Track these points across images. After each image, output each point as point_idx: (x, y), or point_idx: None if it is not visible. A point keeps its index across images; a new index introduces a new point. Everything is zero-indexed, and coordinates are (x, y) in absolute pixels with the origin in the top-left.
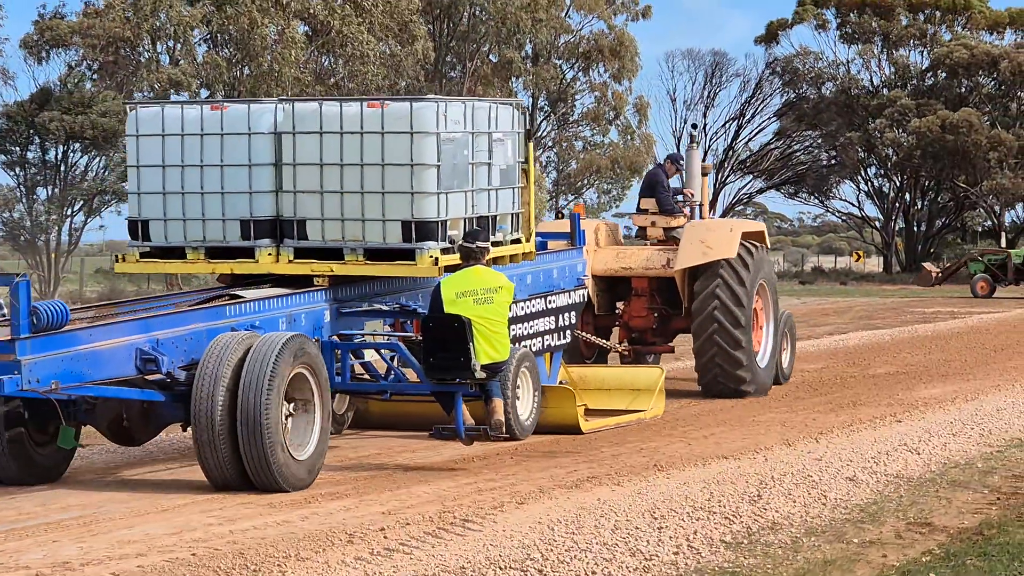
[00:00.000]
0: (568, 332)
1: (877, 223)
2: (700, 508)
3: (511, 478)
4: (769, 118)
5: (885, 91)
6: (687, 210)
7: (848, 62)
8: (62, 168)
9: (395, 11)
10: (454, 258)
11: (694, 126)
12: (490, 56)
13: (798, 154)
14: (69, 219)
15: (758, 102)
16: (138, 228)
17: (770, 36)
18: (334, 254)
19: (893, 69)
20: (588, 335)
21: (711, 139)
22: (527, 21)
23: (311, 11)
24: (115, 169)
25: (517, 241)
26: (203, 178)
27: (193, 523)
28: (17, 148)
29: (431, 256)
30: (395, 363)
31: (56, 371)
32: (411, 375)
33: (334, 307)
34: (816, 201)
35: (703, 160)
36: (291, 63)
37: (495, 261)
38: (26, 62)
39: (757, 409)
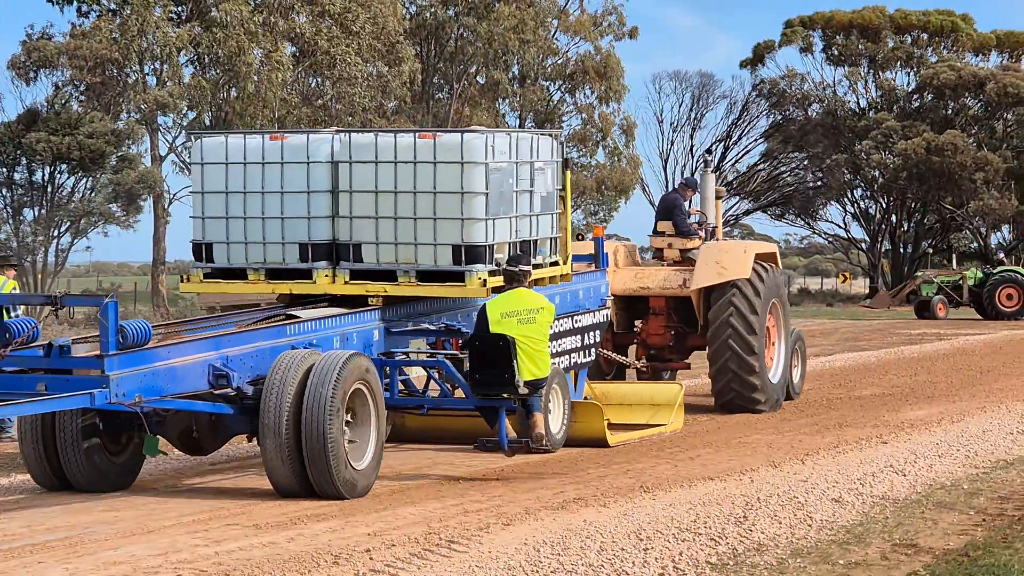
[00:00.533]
0: (593, 350)
1: (863, 245)
2: (686, 529)
3: (497, 499)
4: (756, 140)
5: (871, 113)
6: (702, 232)
7: (834, 84)
8: (49, 189)
9: (382, 32)
10: (500, 280)
11: (708, 151)
12: (477, 77)
13: (785, 176)
14: (56, 240)
15: (745, 124)
16: (202, 250)
17: (757, 58)
18: (388, 276)
19: (879, 91)
20: (608, 352)
21: (697, 161)
22: (514, 42)
23: (298, 32)
24: (101, 190)
25: (555, 263)
26: (264, 204)
27: (179, 544)
28: (4, 169)
29: (480, 278)
30: (435, 380)
31: (139, 385)
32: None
33: (383, 327)
34: (803, 223)
35: (717, 184)
36: (278, 85)
37: (535, 283)
38: (13, 83)
39: (743, 430)
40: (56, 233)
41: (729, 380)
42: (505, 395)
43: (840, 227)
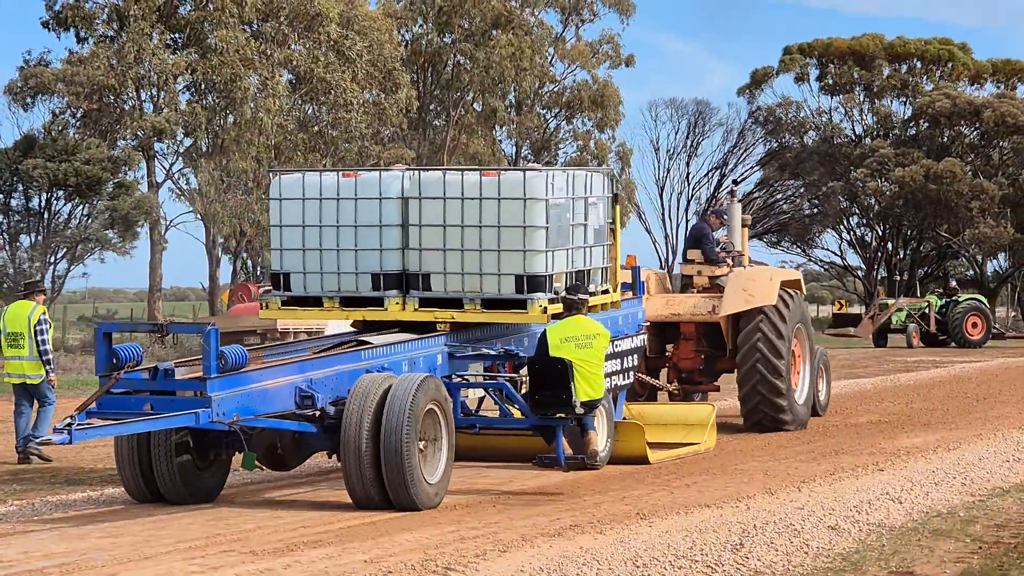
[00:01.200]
0: (631, 373)
1: (859, 272)
2: (682, 557)
3: (493, 526)
4: (752, 167)
5: (867, 141)
6: (730, 260)
7: (830, 111)
8: (46, 215)
9: (379, 60)
10: (558, 307)
11: (735, 182)
12: (474, 105)
13: (780, 203)
14: (52, 266)
15: (741, 151)
16: (280, 280)
17: (754, 85)
18: (454, 303)
19: (875, 119)
20: (642, 375)
21: (694, 188)
22: (511, 70)
23: (294, 60)
24: (98, 217)
25: (606, 292)
26: (339, 237)
27: (175, 571)
28: (1, 195)
29: (540, 305)
30: (495, 400)
31: (237, 406)
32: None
33: (446, 351)
34: (799, 250)
35: (743, 213)
36: (275, 112)
37: (588, 309)
38: (10, 109)
39: (740, 458)
40: (53, 259)
41: (758, 402)
42: (562, 414)
43: (836, 255)
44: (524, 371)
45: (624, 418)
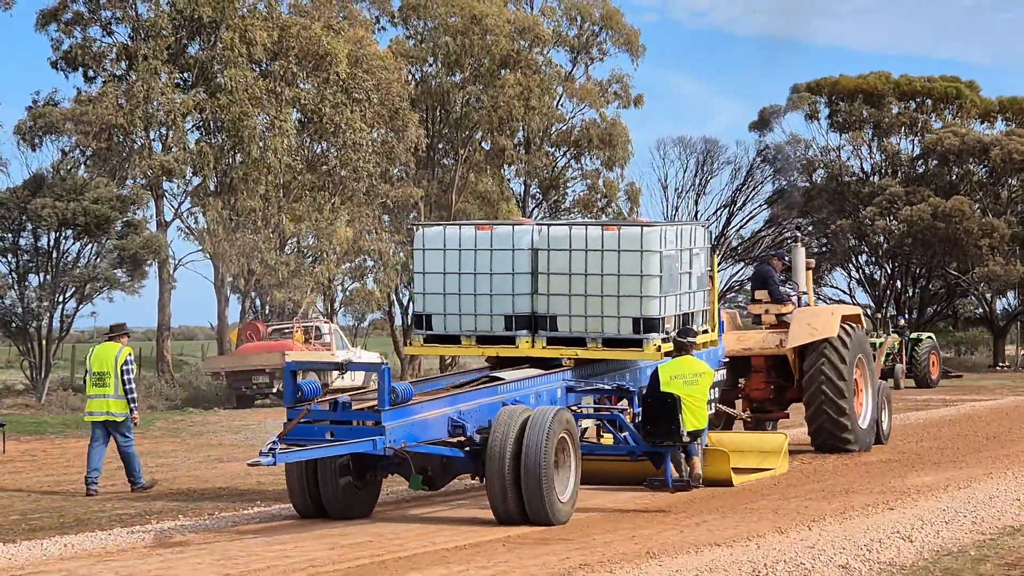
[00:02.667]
0: (713, 404)
1: (868, 311)
2: None
3: (503, 565)
4: (760, 205)
5: (875, 178)
6: (794, 299)
7: (839, 149)
8: (54, 255)
9: (386, 98)
10: (669, 346)
11: (798, 227)
12: (483, 143)
13: (789, 241)
14: (61, 306)
15: (749, 189)
16: (422, 320)
17: (763, 123)
18: (578, 342)
19: (883, 156)
20: (720, 405)
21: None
22: (519, 109)
23: (303, 99)
24: (106, 256)
25: (706, 331)
26: (475, 283)
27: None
28: (9, 235)
29: (655, 345)
30: (610, 430)
31: (404, 434)
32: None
33: (564, 386)
34: None
35: (807, 257)
36: (283, 150)
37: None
38: (19, 148)
39: (750, 496)
40: (61, 299)
41: (823, 422)
42: (670, 443)
43: (845, 292)
44: (624, 402)
45: (707, 445)
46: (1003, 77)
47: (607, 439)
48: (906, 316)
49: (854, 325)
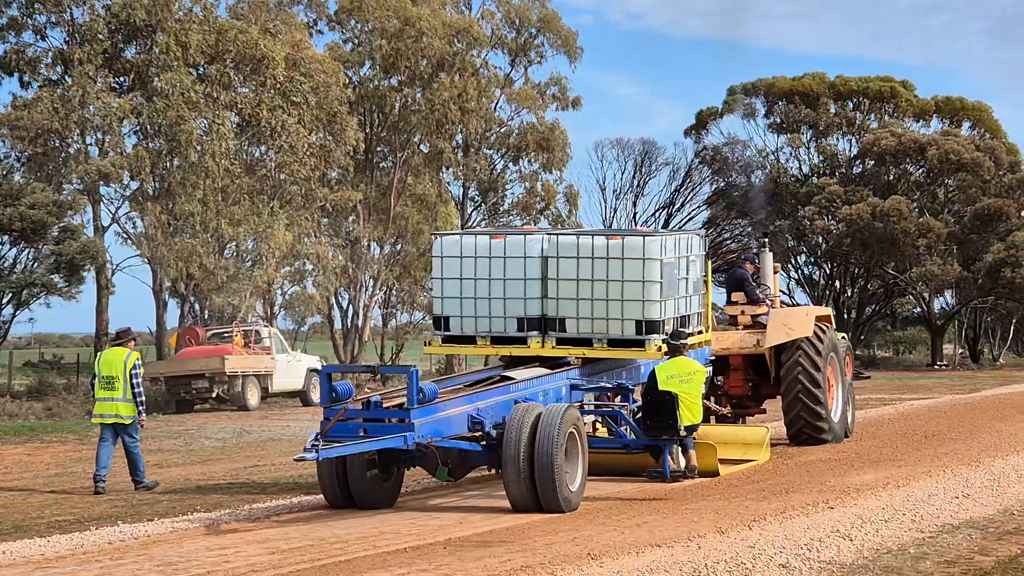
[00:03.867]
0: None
1: None
2: None
3: (444, 568)
4: (699, 207)
5: (814, 179)
6: (768, 301)
7: (777, 150)
8: None
9: (324, 102)
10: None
11: (765, 234)
12: (421, 146)
13: (728, 243)
14: None
15: (688, 191)
16: (440, 322)
17: (700, 124)
18: (585, 343)
19: (821, 157)
20: (705, 401)
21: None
22: (456, 112)
23: (240, 103)
24: (43, 261)
25: (701, 332)
26: (490, 288)
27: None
28: None
29: (656, 345)
30: (611, 425)
31: (431, 430)
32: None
33: (568, 384)
34: None
35: (774, 262)
36: (221, 154)
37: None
38: None
39: (690, 497)
40: None
41: (799, 412)
42: (668, 436)
43: (784, 293)
44: (619, 398)
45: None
46: (938, 77)
47: (601, 432)
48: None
49: (826, 325)
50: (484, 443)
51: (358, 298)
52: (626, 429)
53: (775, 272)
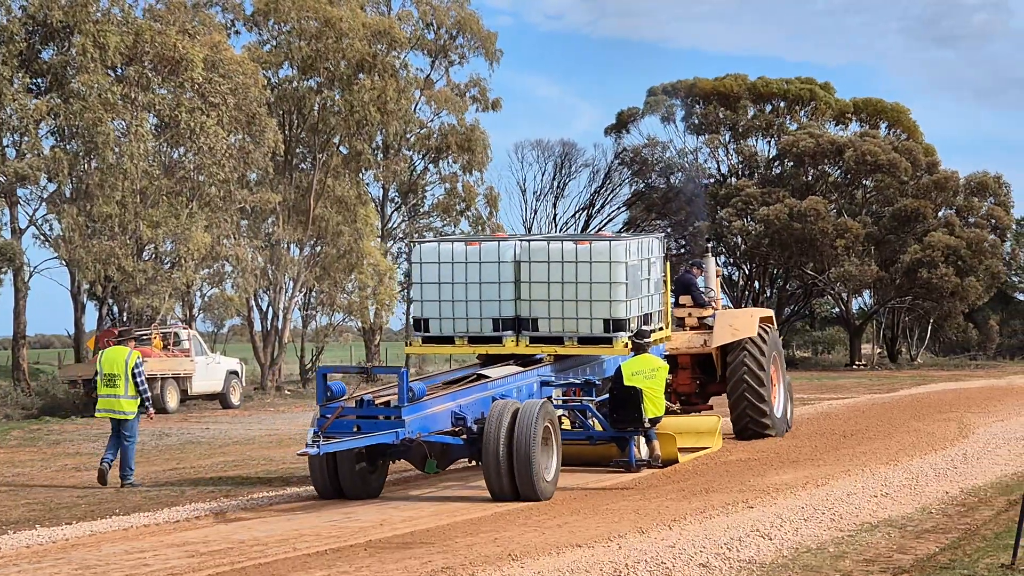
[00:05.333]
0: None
1: None
2: None
3: (365, 570)
4: (619, 208)
5: (733, 180)
6: (713, 304)
7: (696, 151)
8: None
9: (243, 103)
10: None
11: (709, 240)
12: (340, 148)
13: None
14: None
15: (607, 192)
16: (420, 323)
17: (620, 125)
18: (556, 341)
19: (740, 158)
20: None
21: (561, 230)
22: (376, 114)
23: (158, 105)
24: None
25: (661, 329)
26: (467, 291)
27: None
28: None
29: (623, 342)
30: (581, 419)
31: (419, 426)
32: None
33: (539, 380)
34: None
35: (718, 266)
36: (139, 156)
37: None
38: None
39: (611, 497)
40: None
41: (745, 408)
42: (633, 428)
43: None
44: (587, 394)
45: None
46: (857, 78)
47: (566, 424)
48: None
49: (769, 326)
50: (465, 437)
51: (278, 300)
52: (593, 422)
53: (718, 277)
